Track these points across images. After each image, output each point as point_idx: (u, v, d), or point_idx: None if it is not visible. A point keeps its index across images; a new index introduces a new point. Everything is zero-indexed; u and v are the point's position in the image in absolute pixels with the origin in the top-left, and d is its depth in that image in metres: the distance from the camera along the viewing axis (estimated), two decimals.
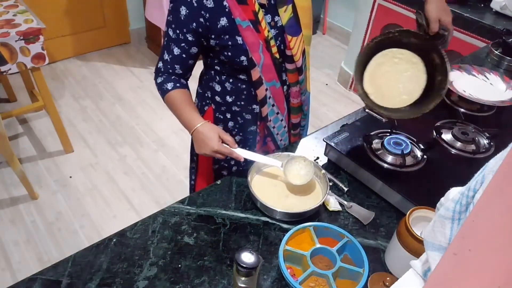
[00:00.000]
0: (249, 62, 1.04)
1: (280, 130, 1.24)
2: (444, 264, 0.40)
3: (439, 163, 1.10)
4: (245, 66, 1.05)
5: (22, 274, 1.81)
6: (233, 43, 1.02)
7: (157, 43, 3.36)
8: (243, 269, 0.71)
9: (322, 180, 1.05)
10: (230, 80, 1.13)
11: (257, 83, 1.09)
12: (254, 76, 1.07)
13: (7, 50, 1.90)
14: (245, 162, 1.09)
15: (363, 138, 1.13)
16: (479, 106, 1.36)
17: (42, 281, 0.82)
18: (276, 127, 1.22)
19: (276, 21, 1.06)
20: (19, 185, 2.17)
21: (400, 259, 0.83)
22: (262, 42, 1.04)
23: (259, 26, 1.03)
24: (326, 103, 3.07)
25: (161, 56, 1.09)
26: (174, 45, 1.05)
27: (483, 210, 0.38)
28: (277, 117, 1.20)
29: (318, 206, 0.97)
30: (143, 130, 2.71)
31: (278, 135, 1.24)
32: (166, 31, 1.05)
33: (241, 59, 1.04)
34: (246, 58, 1.04)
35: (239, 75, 1.11)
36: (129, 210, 2.16)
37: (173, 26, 1.03)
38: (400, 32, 1.04)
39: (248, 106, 1.17)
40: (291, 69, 1.14)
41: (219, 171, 1.32)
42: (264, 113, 1.16)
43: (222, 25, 1.00)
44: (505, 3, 2.15)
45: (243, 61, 1.04)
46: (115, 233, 0.92)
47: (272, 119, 1.19)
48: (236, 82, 1.12)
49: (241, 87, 1.13)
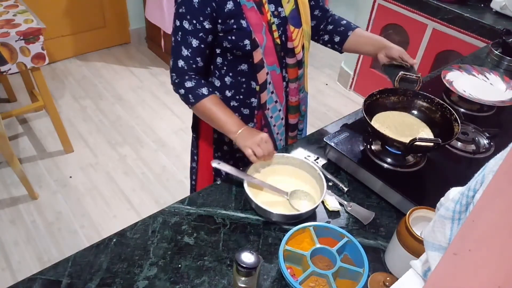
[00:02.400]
0: (252, 44, 1.04)
1: (278, 121, 1.22)
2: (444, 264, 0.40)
3: (439, 163, 1.10)
4: (247, 50, 1.06)
5: (22, 274, 1.81)
6: (238, 26, 1.03)
7: (157, 43, 3.36)
8: (243, 269, 0.71)
9: (318, 180, 1.04)
10: (229, 74, 1.13)
11: (258, 66, 1.09)
12: (256, 58, 1.07)
13: (7, 50, 1.90)
14: (244, 163, 1.09)
15: (363, 138, 1.13)
16: (479, 106, 1.36)
17: (42, 281, 0.82)
18: (274, 117, 1.21)
19: (280, 12, 1.08)
20: (19, 185, 2.17)
21: (400, 259, 0.83)
22: (265, 24, 1.06)
23: (263, 8, 1.05)
24: (326, 103, 3.07)
25: (178, 54, 1.06)
26: (191, 37, 1.03)
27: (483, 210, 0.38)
28: (275, 106, 1.19)
29: (316, 208, 0.96)
30: (143, 130, 2.71)
31: (275, 127, 1.23)
32: (179, 26, 1.03)
33: (244, 42, 1.04)
34: (249, 42, 1.04)
35: (239, 66, 1.11)
36: (129, 210, 2.16)
37: (188, 17, 1.01)
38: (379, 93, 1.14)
39: (247, 99, 1.17)
40: (291, 64, 1.15)
41: (219, 170, 1.32)
42: (263, 99, 1.16)
43: (229, 9, 1.01)
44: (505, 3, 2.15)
45: (246, 45, 1.05)
46: (115, 233, 0.92)
47: (270, 108, 1.18)
48: (236, 75, 1.12)
49: (241, 80, 1.13)
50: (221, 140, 1.26)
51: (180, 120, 2.79)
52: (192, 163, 1.40)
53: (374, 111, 1.14)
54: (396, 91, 1.15)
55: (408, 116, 1.15)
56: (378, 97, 1.14)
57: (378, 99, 1.14)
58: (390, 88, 1.15)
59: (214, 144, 1.29)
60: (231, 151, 1.28)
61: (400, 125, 1.11)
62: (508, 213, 0.34)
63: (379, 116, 1.14)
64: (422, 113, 1.14)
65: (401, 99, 1.15)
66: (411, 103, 1.15)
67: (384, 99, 1.15)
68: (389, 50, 1.17)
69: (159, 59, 3.45)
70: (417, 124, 1.13)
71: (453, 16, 2.26)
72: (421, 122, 1.13)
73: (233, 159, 1.29)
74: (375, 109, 1.14)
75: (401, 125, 1.11)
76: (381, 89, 1.14)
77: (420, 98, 1.14)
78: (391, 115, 1.14)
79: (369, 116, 1.11)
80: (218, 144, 1.28)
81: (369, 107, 1.10)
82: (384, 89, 1.14)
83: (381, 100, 1.15)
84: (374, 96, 1.13)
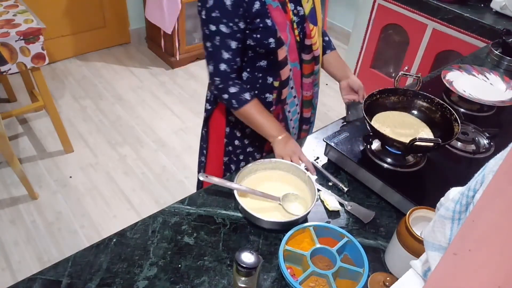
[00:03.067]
0: (277, 42, 1.07)
1: (294, 116, 1.28)
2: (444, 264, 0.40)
3: (439, 163, 1.10)
4: (272, 48, 1.08)
5: (22, 274, 1.81)
6: (264, 25, 1.05)
7: (157, 43, 3.37)
8: (243, 269, 0.71)
9: (308, 183, 1.02)
10: (247, 69, 1.15)
11: (282, 63, 1.12)
12: (280, 56, 1.11)
13: (7, 50, 1.90)
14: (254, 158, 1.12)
15: (363, 138, 1.13)
16: (479, 106, 1.36)
17: (42, 281, 0.82)
18: (291, 111, 1.26)
19: (298, 10, 1.12)
20: (19, 185, 2.17)
21: (400, 259, 0.83)
22: (289, 23, 1.10)
23: (286, 7, 1.09)
24: (326, 103, 3.07)
25: (219, 59, 1.05)
26: (230, 39, 1.04)
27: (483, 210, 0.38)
28: (293, 101, 1.24)
29: (307, 213, 0.94)
30: (143, 130, 2.71)
31: (291, 121, 1.28)
32: (216, 30, 1.02)
33: (269, 41, 1.07)
34: (274, 40, 1.07)
35: (258, 62, 1.13)
36: (129, 210, 2.16)
37: (224, 20, 1.01)
38: (379, 93, 1.15)
39: (261, 95, 1.18)
40: (307, 60, 1.19)
41: (229, 165, 1.34)
42: (284, 95, 1.20)
43: (256, 9, 1.03)
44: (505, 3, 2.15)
45: (270, 43, 1.07)
46: (115, 233, 0.92)
47: (289, 103, 1.23)
48: (253, 70, 1.14)
49: (258, 75, 1.15)
50: (233, 134, 1.27)
51: (180, 120, 2.79)
52: (200, 157, 1.42)
53: (374, 111, 1.14)
54: (396, 91, 1.15)
55: (408, 116, 1.15)
56: (378, 97, 1.14)
57: (378, 99, 1.14)
58: (390, 88, 1.15)
59: (226, 138, 1.29)
60: (242, 145, 1.29)
61: (400, 125, 1.11)
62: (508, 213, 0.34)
63: (379, 116, 1.14)
64: (422, 113, 1.14)
65: (401, 99, 1.15)
66: (411, 103, 1.15)
67: (384, 99, 1.15)
68: (352, 82, 1.31)
69: (159, 59, 3.45)
70: (417, 124, 1.13)
71: (453, 16, 2.26)
72: (421, 122, 1.13)
73: (244, 154, 1.30)
74: (375, 109, 1.14)
75: (401, 125, 1.12)
76: (381, 89, 1.14)
77: (420, 98, 1.14)
78: (391, 115, 1.15)
79: (369, 116, 1.11)
80: (230, 138, 1.29)
81: (369, 107, 1.10)
82: (384, 89, 1.14)
83: (381, 100, 1.15)
84: (374, 96, 1.13)
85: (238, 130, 1.26)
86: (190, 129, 2.73)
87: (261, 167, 1.06)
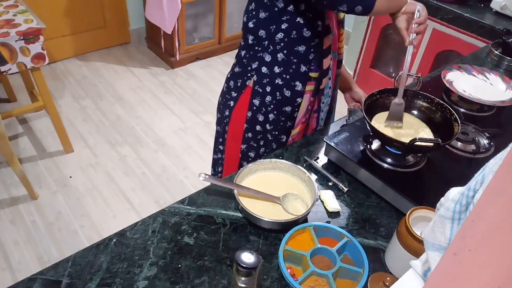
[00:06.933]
0: (323, 27, 1.11)
1: (325, 107, 1.32)
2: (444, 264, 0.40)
3: (439, 163, 1.10)
4: (317, 32, 1.11)
5: (22, 274, 1.81)
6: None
7: (157, 43, 3.37)
8: (243, 269, 0.71)
9: (308, 183, 1.02)
10: (284, 51, 1.14)
11: (326, 52, 1.16)
12: (325, 44, 1.14)
13: (7, 50, 1.90)
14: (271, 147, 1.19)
15: (363, 138, 1.13)
16: (479, 106, 1.36)
17: (42, 281, 0.82)
18: (324, 102, 1.29)
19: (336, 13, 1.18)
20: (19, 185, 2.17)
21: (400, 259, 0.83)
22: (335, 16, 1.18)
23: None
24: None
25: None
26: None
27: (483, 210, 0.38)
28: (328, 92, 1.27)
29: (307, 213, 0.94)
30: (143, 130, 2.71)
31: (322, 112, 1.31)
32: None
33: (318, 23, 1.10)
34: (321, 23, 1.10)
35: (296, 46, 1.13)
36: (129, 210, 2.17)
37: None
38: (379, 93, 1.16)
39: (291, 81, 1.17)
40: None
41: (246, 155, 1.30)
42: (324, 84, 1.22)
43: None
44: (505, 3, 2.15)
45: (318, 25, 1.10)
46: (115, 233, 0.92)
47: (325, 93, 1.26)
48: (290, 54, 1.14)
49: (293, 60, 1.15)
50: (255, 119, 1.24)
51: (180, 120, 2.79)
52: (215, 155, 1.41)
53: (374, 111, 1.14)
54: (396, 91, 1.15)
55: (408, 116, 1.15)
56: (378, 97, 1.14)
57: (378, 99, 1.14)
58: (390, 88, 1.15)
59: (246, 124, 1.26)
60: (264, 130, 1.25)
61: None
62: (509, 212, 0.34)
63: (379, 116, 1.14)
64: (422, 113, 1.14)
65: None
66: (411, 103, 1.15)
67: (384, 99, 1.15)
68: (355, 93, 1.41)
69: (159, 59, 3.45)
70: (417, 124, 1.13)
71: (453, 16, 2.26)
72: (421, 122, 1.13)
73: (264, 139, 1.27)
74: (375, 109, 1.14)
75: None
76: (381, 89, 1.14)
77: (420, 98, 1.14)
78: None
79: (369, 116, 1.11)
80: (251, 123, 1.25)
81: (369, 107, 1.10)
82: (384, 89, 1.14)
83: (381, 100, 1.15)
84: (374, 96, 1.13)
85: (261, 114, 1.23)
86: (190, 129, 2.73)
87: (261, 167, 1.06)
